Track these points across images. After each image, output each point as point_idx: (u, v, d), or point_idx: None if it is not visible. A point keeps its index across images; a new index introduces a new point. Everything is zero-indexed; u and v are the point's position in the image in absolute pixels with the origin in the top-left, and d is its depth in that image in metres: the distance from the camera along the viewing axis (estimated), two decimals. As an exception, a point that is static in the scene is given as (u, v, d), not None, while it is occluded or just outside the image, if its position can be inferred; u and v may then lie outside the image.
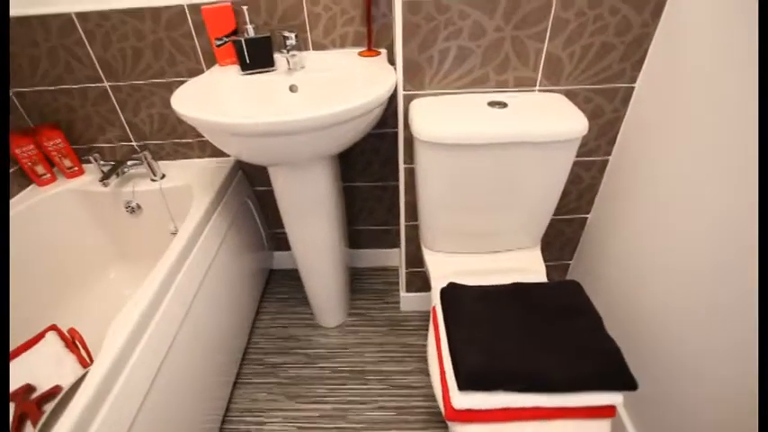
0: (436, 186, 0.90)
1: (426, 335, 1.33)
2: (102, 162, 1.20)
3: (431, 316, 0.92)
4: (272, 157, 0.87)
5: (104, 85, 1.13)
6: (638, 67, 0.88)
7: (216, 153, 1.28)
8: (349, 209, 1.41)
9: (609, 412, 0.70)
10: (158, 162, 1.26)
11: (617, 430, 1.01)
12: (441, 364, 0.78)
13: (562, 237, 1.23)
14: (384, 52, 1.04)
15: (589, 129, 0.98)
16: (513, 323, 0.79)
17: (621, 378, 0.69)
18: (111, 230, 1.32)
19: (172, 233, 1.27)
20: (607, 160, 1.04)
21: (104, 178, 1.14)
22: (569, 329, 0.77)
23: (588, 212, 1.16)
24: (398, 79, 0.91)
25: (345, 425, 1.11)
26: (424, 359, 1.26)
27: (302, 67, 1.00)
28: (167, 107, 1.18)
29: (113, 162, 1.20)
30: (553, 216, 1.16)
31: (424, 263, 1.09)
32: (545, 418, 0.70)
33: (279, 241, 1.54)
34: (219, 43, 0.95)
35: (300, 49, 1.05)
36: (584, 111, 0.95)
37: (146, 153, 1.17)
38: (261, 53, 0.98)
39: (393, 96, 0.96)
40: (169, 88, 1.13)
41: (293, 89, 1.00)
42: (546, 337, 0.76)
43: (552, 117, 0.82)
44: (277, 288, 1.54)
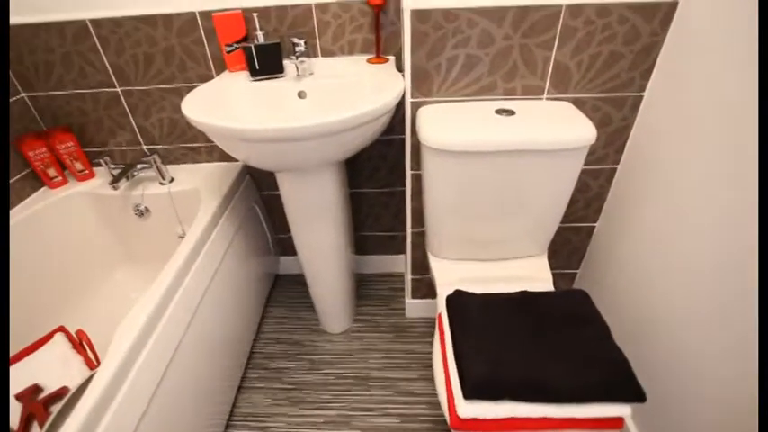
0: (443, 193, 0.90)
1: (431, 342, 1.33)
2: (113, 165, 1.21)
3: (436, 323, 0.92)
4: (280, 163, 0.88)
5: (116, 90, 1.15)
6: (646, 75, 0.88)
7: (224, 157, 1.30)
8: (355, 215, 1.42)
9: (617, 424, 0.69)
10: (167, 166, 1.28)
11: (624, 442, 0.99)
12: (446, 371, 0.78)
13: (569, 245, 1.22)
14: (392, 59, 1.04)
15: (597, 137, 0.98)
16: (520, 332, 0.79)
17: (630, 389, 0.68)
18: (120, 233, 1.33)
19: (179, 237, 1.28)
20: (615, 169, 1.04)
21: (114, 181, 1.15)
22: (576, 339, 0.77)
23: (596, 221, 1.15)
24: (406, 86, 0.91)
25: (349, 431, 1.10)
26: (429, 366, 1.26)
27: (311, 74, 1.01)
28: (177, 112, 1.19)
29: (123, 165, 1.21)
30: (560, 224, 1.15)
31: (429, 269, 1.09)
32: (551, 428, 0.70)
33: (285, 246, 1.55)
34: (230, 50, 0.96)
35: (309, 56, 1.06)
36: (592, 119, 0.95)
37: (155, 157, 1.19)
38: (270, 59, 0.99)
39: (401, 103, 0.96)
40: (179, 93, 1.15)
41: (302, 95, 1.01)
42: (553, 346, 0.76)
43: (560, 125, 0.82)
44: (282, 293, 1.54)
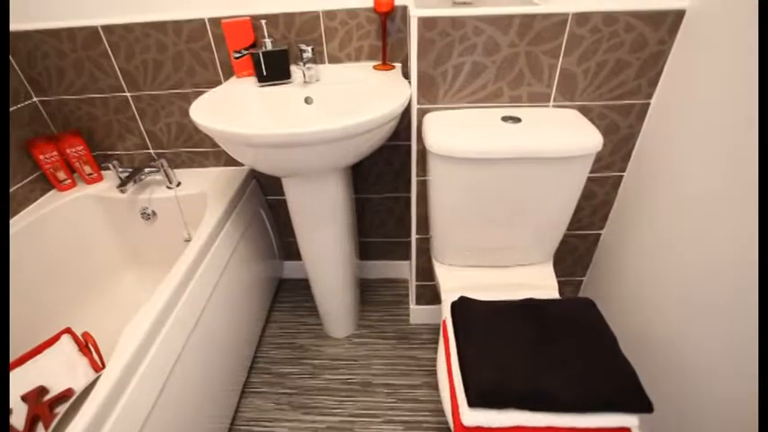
0: (449, 199, 0.90)
1: (435, 349, 1.32)
2: (121, 169, 1.23)
3: (441, 330, 0.91)
4: (287, 168, 0.88)
5: (126, 94, 1.16)
6: (654, 83, 0.88)
7: (230, 162, 1.31)
8: (360, 220, 1.42)
9: (623, 435, 0.68)
10: (174, 170, 1.29)
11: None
12: (450, 379, 0.78)
13: (575, 253, 1.22)
14: (399, 66, 1.05)
15: (603, 144, 0.97)
16: (525, 340, 0.78)
17: (637, 400, 0.68)
18: (127, 236, 1.34)
19: (185, 240, 1.28)
20: (621, 176, 1.03)
21: (122, 185, 1.16)
22: (583, 348, 0.76)
23: (602, 228, 1.15)
24: (413, 93, 0.92)
25: (352, 438, 1.10)
26: (432, 373, 1.25)
27: (318, 80, 1.02)
28: (185, 116, 1.20)
29: (131, 169, 1.23)
30: (566, 231, 1.14)
31: (434, 276, 1.08)
32: (557, 438, 0.69)
33: (290, 250, 1.55)
34: (238, 56, 0.97)
35: (316, 63, 1.07)
36: (598, 127, 0.95)
37: (162, 161, 1.20)
38: (277, 65, 1.00)
39: (406, 110, 0.97)
40: (187, 98, 1.16)
41: (308, 101, 1.01)
42: (559, 355, 0.75)
43: (566, 132, 0.82)
44: (287, 297, 1.55)
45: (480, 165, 0.82)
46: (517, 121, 0.86)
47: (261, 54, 0.97)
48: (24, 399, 0.90)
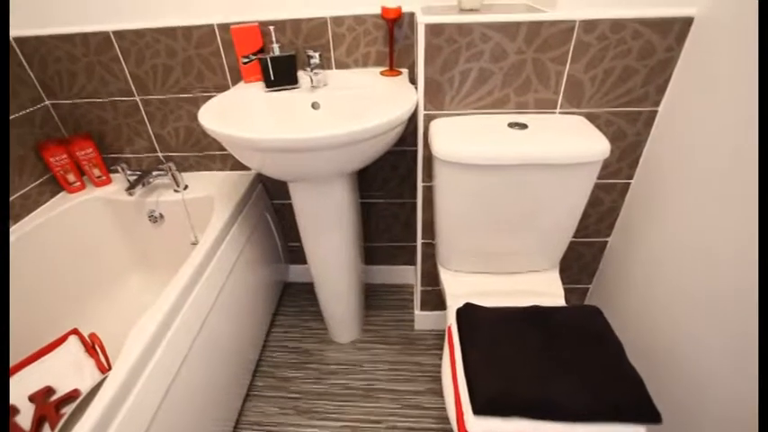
0: (455, 205, 0.90)
1: (440, 355, 1.31)
2: (129, 172, 1.24)
3: (446, 336, 0.91)
4: (293, 173, 0.89)
5: (135, 98, 1.18)
6: (661, 90, 0.88)
7: (237, 166, 1.32)
8: (365, 225, 1.42)
9: (630, 445, 0.67)
10: (182, 173, 1.30)
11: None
12: (455, 386, 0.77)
13: (581, 260, 1.21)
14: (405, 72, 1.05)
15: (611, 151, 0.97)
16: (531, 347, 0.78)
17: (645, 410, 0.67)
18: (134, 238, 1.36)
19: (192, 243, 1.29)
20: (629, 184, 1.03)
21: (130, 188, 1.18)
22: (589, 356, 0.75)
23: (608, 236, 1.14)
24: (419, 99, 0.92)
25: (355, 444, 1.10)
26: (437, 379, 1.24)
27: (325, 85, 1.02)
28: (193, 120, 1.22)
29: (139, 172, 1.24)
30: (572, 238, 1.14)
31: (439, 281, 1.08)
32: (562, 447, 0.68)
33: (295, 255, 1.56)
34: (246, 61, 0.98)
35: (324, 68, 1.07)
36: (605, 134, 0.94)
37: (170, 164, 1.21)
38: (285, 71, 1.01)
39: (413, 115, 0.97)
40: (196, 103, 1.17)
41: (315, 106, 1.02)
42: (565, 363, 0.74)
43: (573, 139, 0.81)
44: (291, 301, 1.55)
45: (486, 171, 0.82)
46: (524, 127, 0.85)
47: (269, 59, 0.98)
48: (31, 399, 0.91)
